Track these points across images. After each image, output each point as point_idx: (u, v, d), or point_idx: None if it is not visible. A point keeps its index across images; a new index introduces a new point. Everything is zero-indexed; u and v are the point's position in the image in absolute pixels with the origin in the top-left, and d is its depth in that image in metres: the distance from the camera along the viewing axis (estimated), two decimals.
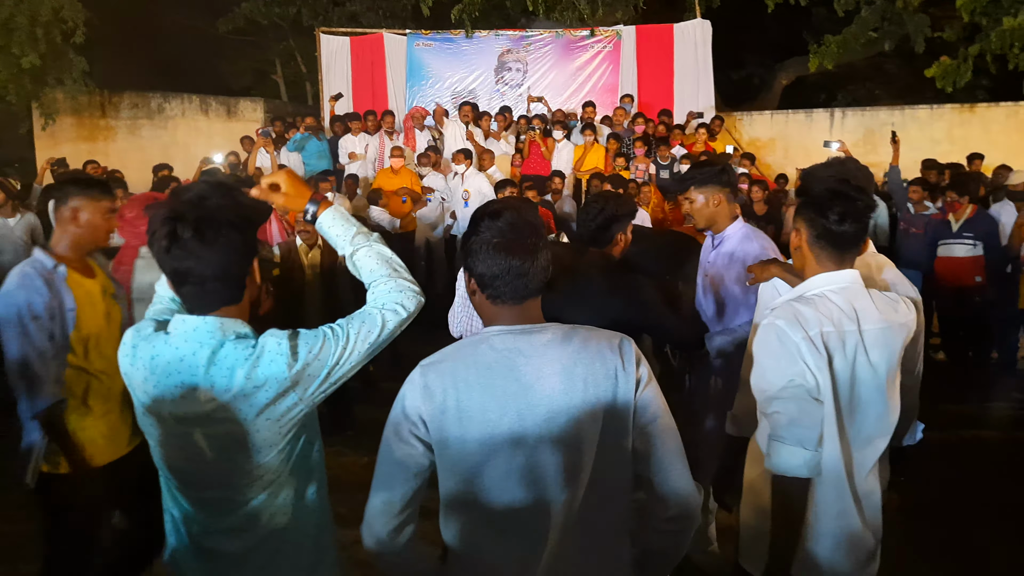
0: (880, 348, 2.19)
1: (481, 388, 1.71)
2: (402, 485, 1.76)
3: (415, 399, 1.74)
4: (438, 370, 1.76)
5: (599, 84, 12.73)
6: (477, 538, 1.76)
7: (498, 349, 1.75)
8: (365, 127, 11.02)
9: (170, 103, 14.71)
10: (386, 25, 15.09)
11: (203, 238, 1.71)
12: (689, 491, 1.81)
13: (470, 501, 1.74)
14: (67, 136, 13.96)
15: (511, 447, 1.70)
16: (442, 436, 1.72)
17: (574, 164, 10.64)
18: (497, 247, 1.74)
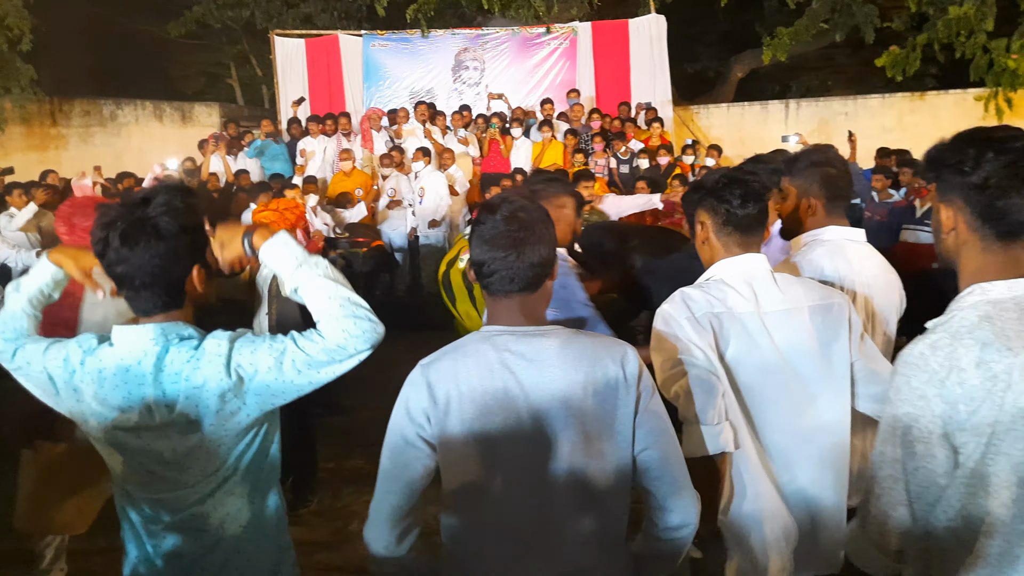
0: (786, 331, 2.16)
1: (483, 390, 1.71)
2: (408, 488, 1.76)
3: (420, 399, 1.74)
4: (439, 369, 1.76)
5: (556, 81, 12.78)
6: (477, 538, 1.77)
7: (499, 349, 1.74)
8: (324, 129, 10.95)
9: (123, 110, 14.49)
10: (341, 26, 14.99)
11: (131, 244, 1.70)
12: (689, 501, 1.83)
13: (472, 502, 1.75)
14: (16, 146, 13.65)
15: (512, 450, 1.71)
16: (445, 436, 1.72)
17: (532, 161, 10.66)
18: (486, 238, 1.76)
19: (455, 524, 1.79)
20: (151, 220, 1.72)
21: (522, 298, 1.79)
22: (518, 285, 1.76)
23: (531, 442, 1.71)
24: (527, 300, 1.79)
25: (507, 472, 1.72)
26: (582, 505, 1.74)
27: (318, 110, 12.20)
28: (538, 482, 1.72)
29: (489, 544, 1.76)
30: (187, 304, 1.85)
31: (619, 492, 1.78)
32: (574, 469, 1.72)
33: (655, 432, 1.77)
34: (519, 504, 1.72)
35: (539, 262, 1.76)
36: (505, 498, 1.72)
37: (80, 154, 13.72)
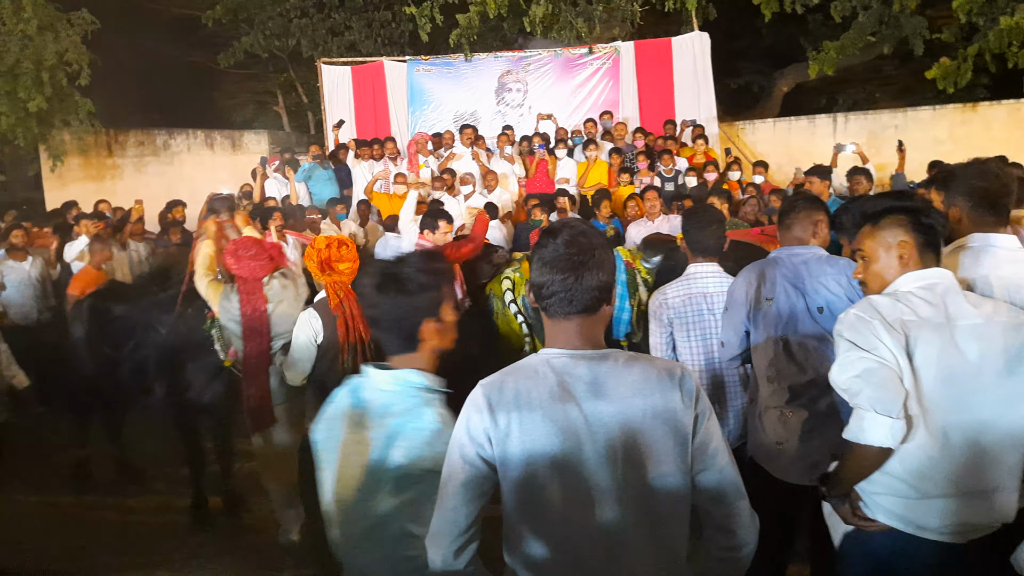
0: (976, 345, 2.23)
1: (543, 412, 1.75)
2: (466, 505, 1.81)
3: (481, 419, 1.79)
4: (500, 390, 1.80)
5: (599, 100, 12.79)
6: (537, 559, 1.79)
7: (558, 372, 1.78)
8: (371, 154, 11.11)
9: (175, 139, 14.83)
10: (384, 52, 15.22)
11: (382, 293, 2.09)
12: (748, 521, 1.86)
13: (531, 523, 1.78)
14: (74, 176, 14.08)
15: (572, 472, 1.74)
16: (505, 457, 1.77)
17: (577, 181, 10.67)
18: (547, 260, 1.81)
19: (516, 544, 1.81)
20: (400, 276, 2.08)
21: (581, 320, 1.82)
22: (577, 308, 1.80)
23: (591, 465, 1.74)
24: (586, 323, 1.82)
25: (567, 494, 1.74)
26: (643, 527, 1.76)
27: (364, 135, 12.38)
28: (598, 504, 1.74)
29: (549, 566, 1.78)
30: (422, 350, 2.13)
31: (679, 513, 1.80)
32: (634, 491, 1.75)
33: (713, 453, 1.80)
34: (579, 526, 1.75)
35: (598, 285, 1.80)
36: (565, 520, 1.75)
37: (135, 183, 14.07)
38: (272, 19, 16.49)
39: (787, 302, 3.16)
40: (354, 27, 16.42)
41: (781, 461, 3.12)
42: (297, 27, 16.45)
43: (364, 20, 16.38)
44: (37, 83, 12.32)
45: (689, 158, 10.92)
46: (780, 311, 3.15)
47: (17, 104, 12.33)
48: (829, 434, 2.94)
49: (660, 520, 1.77)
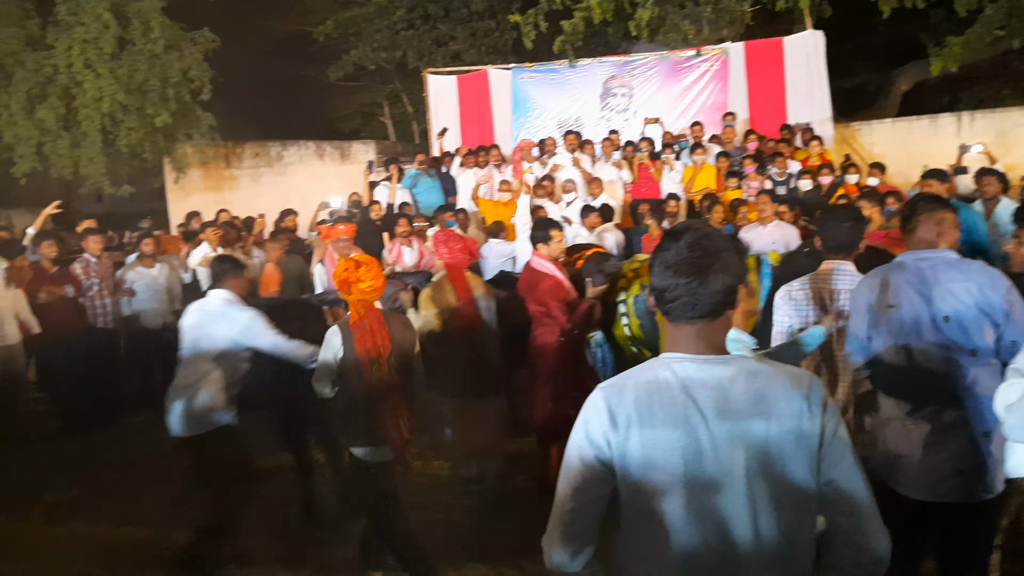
0: None
1: (663, 417, 1.73)
2: (584, 508, 1.79)
3: (600, 422, 1.77)
4: (620, 394, 1.78)
5: (707, 103, 12.52)
6: (656, 565, 1.76)
7: (680, 378, 1.75)
8: (476, 161, 11.21)
9: (288, 150, 15.36)
10: (488, 61, 15.36)
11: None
12: (879, 536, 1.76)
13: (650, 528, 1.75)
14: (195, 188, 14.75)
15: (692, 478, 1.71)
16: (624, 461, 1.75)
17: (684, 185, 10.47)
18: (669, 264, 1.76)
19: (633, 548, 1.80)
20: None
21: (703, 325, 1.77)
22: (700, 312, 1.75)
23: (711, 471, 1.71)
24: (708, 328, 1.78)
25: (687, 500, 1.71)
26: (765, 536, 1.71)
27: (469, 143, 12.52)
28: (718, 511, 1.70)
29: (667, 570, 1.74)
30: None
31: (804, 524, 1.74)
32: (756, 498, 1.70)
33: (841, 464, 1.73)
34: (699, 533, 1.71)
35: (722, 289, 1.75)
36: (684, 526, 1.72)
37: (250, 193, 14.63)
38: (380, 32, 16.92)
39: (911, 310, 2.98)
40: (458, 37, 16.67)
41: (903, 474, 2.96)
42: (403, 39, 16.82)
43: (468, 30, 16.60)
44: (163, 99, 13.00)
45: (803, 161, 10.55)
46: (903, 319, 2.99)
47: (145, 119, 13.03)
48: (953, 448, 2.83)
49: (783, 528, 1.71)
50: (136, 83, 12.79)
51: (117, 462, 6.73)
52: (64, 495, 5.88)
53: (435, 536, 4.44)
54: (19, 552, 5.04)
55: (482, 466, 5.63)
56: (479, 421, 5.39)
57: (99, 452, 7.07)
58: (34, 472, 6.54)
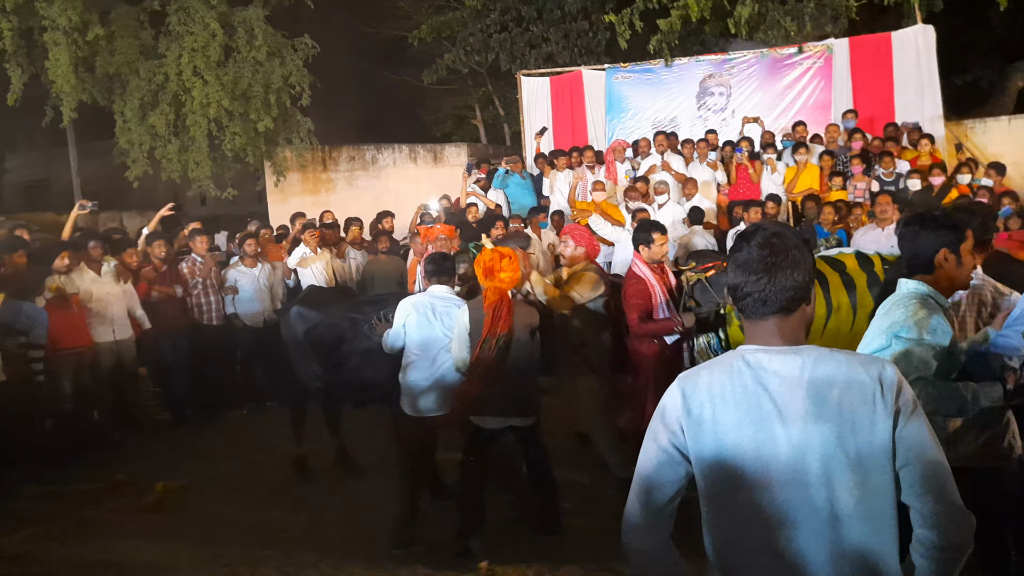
0: None
1: (735, 404, 1.80)
2: (658, 490, 1.88)
3: (675, 409, 1.86)
4: (695, 383, 1.86)
5: (810, 101, 12.13)
6: (733, 547, 1.82)
7: (752, 367, 1.81)
8: (569, 163, 11.14)
9: (382, 154, 15.64)
10: (582, 62, 15.26)
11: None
12: (959, 519, 1.78)
13: (725, 512, 1.82)
14: (294, 190, 15.18)
15: (764, 464, 1.76)
16: (698, 447, 1.83)
17: (785, 186, 10.16)
18: (740, 263, 1.85)
19: (711, 531, 1.86)
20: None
21: (777, 320, 1.83)
22: (771, 308, 1.82)
23: (784, 457, 1.75)
24: (782, 323, 1.83)
25: (761, 485, 1.76)
26: (842, 520, 1.73)
27: (561, 144, 12.46)
28: (794, 496, 1.75)
29: (745, 554, 1.80)
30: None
31: (882, 507, 1.75)
32: (831, 483, 1.73)
33: (917, 447, 1.75)
34: (774, 517, 1.76)
35: (793, 286, 1.81)
36: (759, 510, 1.77)
37: (345, 196, 14.96)
38: (473, 35, 17.03)
39: None
40: (551, 39, 16.62)
41: None
42: (496, 42, 16.89)
43: (562, 31, 16.54)
44: (265, 105, 13.42)
45: (912, 160, 10.09)
46: None
47: (248, 125, 13.48)
48: None
49: (860, 512, 1.74)
50: (240, 90, 13.23)
51: (223, 453, 6.96)
52: (175, 483, 6.09)
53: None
54: (131, 535, 5.25)
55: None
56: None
57: (205, 443, 7.35)
58: (147, 460, 6.82)
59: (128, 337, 7.66)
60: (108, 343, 7.45)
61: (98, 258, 7.56)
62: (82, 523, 5.56)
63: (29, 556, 5.07)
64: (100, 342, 7.37)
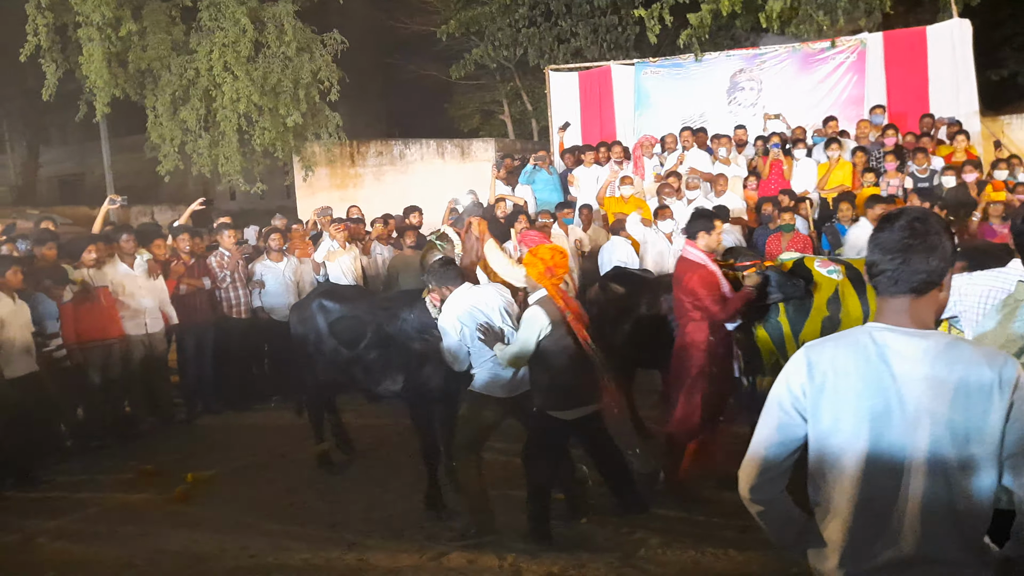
0: None
1: (857, 376, 1.92)
2: (776, 448, 2.04)
3: (799, 375, 2.00)
4: (820, 352, 2.00)
5: (842, 97, 11.93)
6: (837, 509, 1.97)
7: (877, 343, 1.93)
8: (596, 158, 11.07)
9: (410, 149, 15.66)
10: (610, 57, 15.19)
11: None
12: None
13: (834, 474, 1.96)
14: (322, 185, 15.26)
15: (877, 435, 1.89)
16: (817, 411, 1.97)
17: (817, 183, 10.01)
18: (879, 242, 1.97)
19: (819, 492, 2.02)
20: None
21: (907, 301, 1.94)
22: (903, 288, 1.93)
23: (896, 431, 1.87)
24: (913, 304, 1.93)
25: (871, 454, 1.90)
26: (943, 497, 1.85)
27: (589, 139, 12.39)
28: (900, 468, 1.87)
29: (846, 516, 1.94)
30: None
31: (982, 490, 1.85)
32: (936, 461, 1.84)
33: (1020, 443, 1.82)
34: (880, 485, 1.89)
35: (925, 270, 1.90)
36: (867, 477, 1.91)
37: (373, 191, 15.01)
38: (502, 30, 17.02)
39: None
40: (580, 33, 16.57)
41: None
42: (525, 36, 16.87)
43: (590, 26, 16.47)
44: (295, 100, 13.51)
45: (947, 156, 9.91)
46: None
47: (277, 120, 13.58)
48: None
49: (961, 492, 1.85)
50: (270, 85, 13.33)
51: (251, 445, 7.03)
52: (204, 473, 6.15)
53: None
54: (161, 524, 5.31)
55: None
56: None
57: (233, 435, 7.41)
58: (176, 451, 6.90)
59: (158, 330, 7.73)
60: (139, 336, 7.52)
61: (131, 251, 7.63)
62: (112, 512, 5.64)
63: (61, 544, 5.15)
64: (131, 335, 7.44)
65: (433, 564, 4.53)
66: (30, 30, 12.89)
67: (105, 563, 4.81)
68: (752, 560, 4.30)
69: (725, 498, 4.79)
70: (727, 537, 4.55)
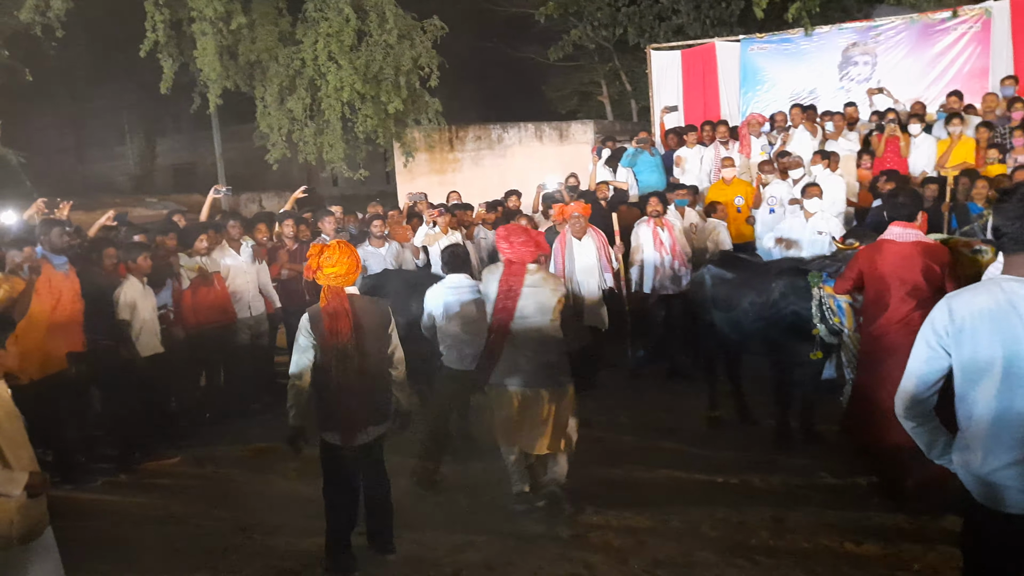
0: None
1: (990, 319, 2.43)
2: (924, 377, 2.61)
3: (942, 318, 2.55)
4: (960, 300, 2.55)
5: (965, 70, 11.23)
6: (981, 421, 2.49)
7: (1006, 291, 2.43)
8: (700, 138, 10.79)
9: (508, 133, 15.66)
10: (713, 33, 14.75)
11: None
12: None
13: (973, 396, 2.50)
14: (421, 170, 15.44)
15: (1005, 364, 2.41)
16: (958, 348, 2.51)
17: (937, 160, 9.48)
18: (1003, 209, 2.46)
19: (962, 410, 2.55)
20: None
21: None
22: (1022, 247, 2.43)
23: (1021, 364, 2.39)
24: None
25: (1004, 376, 2.41)
26: None
27: (692, 119, 12.08)
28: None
29: (987, 425, 2.47)
30: None
31: None
32: None
33: None
34: (1012, 400, 2.40)
35: None
36: (1000, 394, 2.42)
37: (471, 175, 15.08)
38: (600, 10, 16.79)
39: None
40: (682, 10, 16.16)
41: None
42: (624, 16, 16.59)
43: (692, 3, 16.04)
44: (396, 87, 13.71)
45: None
46: None
47: (379, 107, 13.82)
48: None
49: None
50: (372, 73, 13.56)
51: None
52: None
53: None
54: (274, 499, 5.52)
55: None
56: None
57: None
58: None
59: (261, 313, 7.95)
60: (245, 319, 7.76)
61: (237, 238, 7.89)
62: (230, 487, 5.91)
63: (182, 516, 5.43)
64: (239, 317, 7.71)
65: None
66: (148, 27, 13.47)
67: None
68: None
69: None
70: None
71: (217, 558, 4.76)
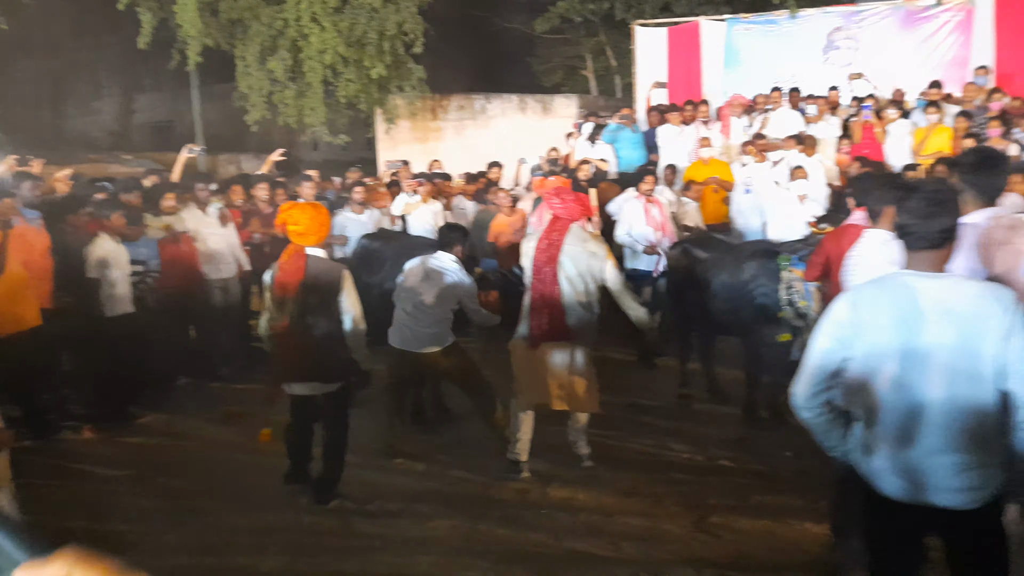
0: None
1: (889, 311, 2.50)
2: (820, 371, 2.60)
3: (842, 310, 2.59)
4: (860, 292, 2.65)
5: (947, 58, 11.33)
6: (876, 414, 2.53)
7: (907, 285, 2.50)
8: (683, 117, 10.79)
9: (491, 103, 15.57)
10: (700, 12, 14.71)
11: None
12: None
13: (871, 386, 2.52)
14: (403, 138, 15.32)
15: (902, 355, 2.46)
16: (857, 340, 2.53)
17: (914, 148, 9.57)
18: (907, 208, 2.52)
19: (860, 400, 2.56)
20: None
21: (928, 254, 2.50)
22: (926, 244, 2.50)
23: (922, 350, 2.43)
24: (933, 256, 2.50)
25: (900, 370, 2.46)
26: (953, 401, 2.40)
27: (676, 98, 12.07)
28: (923, 380, 2.43)
29: (882, 418, 2.51)
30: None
31: (985, 396, 2.39)
32: (954, 370, 2.40)
33: (1014, 360, 2.35)
34: (907, 393, 2.45)
35: (941, 228, 2.49)
36: (897, 387, 2.46)
37: (454, 145, 15.00)
38: None
39: None
40: None
41: None
42: None
43: None
44: (379, 52, 13.55)
45: None
46: None
47: (362, 72, 13.66)
48: None
49: (968, 400, 2.39)
50: (355, 36, 13.38)
51: None
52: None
53: None
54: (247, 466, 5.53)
55: None
56: None
57: None
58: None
59: (232, 275, 7.85)
60: (216, 280, 7.67)
61: (205, 199, 7.78)
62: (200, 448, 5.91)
63: (150, 477, 5.42)
64: (210, 278, 7.61)
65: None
66: None
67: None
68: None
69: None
70: None
71: (186, 518, 4.78)
